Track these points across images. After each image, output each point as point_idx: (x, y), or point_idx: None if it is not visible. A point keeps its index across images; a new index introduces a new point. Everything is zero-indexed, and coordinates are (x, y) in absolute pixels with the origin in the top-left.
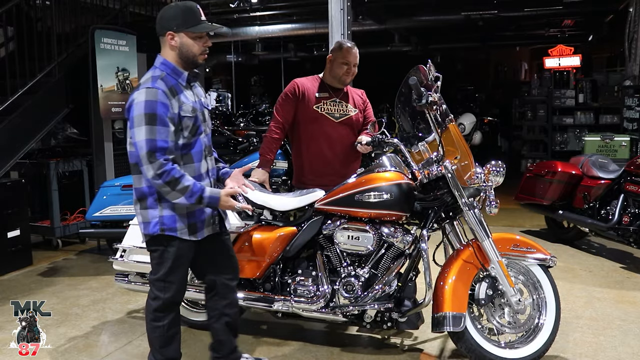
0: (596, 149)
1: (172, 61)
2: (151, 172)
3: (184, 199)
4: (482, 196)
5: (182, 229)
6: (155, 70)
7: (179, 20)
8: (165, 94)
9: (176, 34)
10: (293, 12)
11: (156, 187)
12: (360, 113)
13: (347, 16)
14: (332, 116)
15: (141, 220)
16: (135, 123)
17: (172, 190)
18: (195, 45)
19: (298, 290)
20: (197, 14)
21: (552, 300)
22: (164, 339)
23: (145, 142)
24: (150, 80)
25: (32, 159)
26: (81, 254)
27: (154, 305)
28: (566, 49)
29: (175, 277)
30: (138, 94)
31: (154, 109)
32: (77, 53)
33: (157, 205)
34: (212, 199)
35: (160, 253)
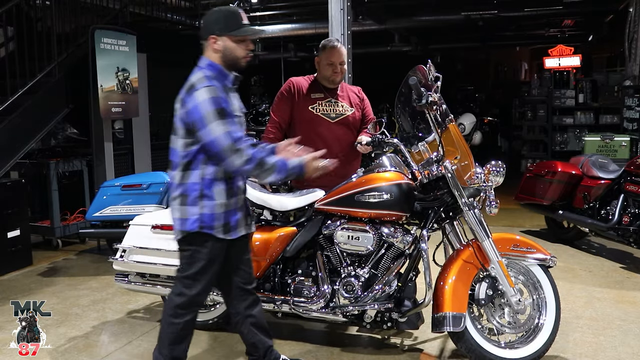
0: (596, 149)
1: (218, 63)
2: (238, 162)
3: (275, 176)
4: (482, 196)
5: (219, 227)
6: (205, 70)
7: (222, 24)
8: (222, 90)
9: (219, 37)
10: (293, 12)
11: (246, 174)
12: (358, 111)
13: (347, 16)
14: (328, 116)
15: (178, 216)
16: (207, 121)
17: (262, 172)
18: (238, 48)
19: (298, 290)
20: (239, 18)
21: (552, 300)
22: (176, 336)
23: (224, 135)
24: (205, 80)
25: (32, 159)
26: (81, 254)
27: (176, 301)
28: (566, 49)
29: (205, 277)
30: (199, 93)
31: (220, 103)
32: (77, 53)
33: (198, 202)
34: (300, 166)
35: (193, 252)
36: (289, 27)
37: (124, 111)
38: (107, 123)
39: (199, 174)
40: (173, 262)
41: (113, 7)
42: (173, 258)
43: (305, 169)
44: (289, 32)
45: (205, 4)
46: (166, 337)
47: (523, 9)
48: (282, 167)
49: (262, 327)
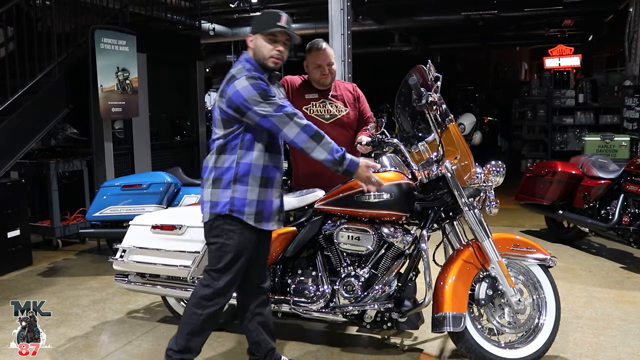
0: (596, 149)
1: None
2: (295, 129)
3: (328, 155)
4: (482, 196)
5: (250, 214)
6: (244, 64)
7: (258, 23)
8: (263, 79)
9: (253, 35)
10: (293, 12)
11: (301, 145)
12: (353, 110)
13: (347, 16)
14: (322, 117)
15: (209, 199)
16: (252, 102)
17: (318, 144)
18: (266, 47)
19: (298, 291)
20: (275, 19)
21: (552, 300)
22: (195, 327)
23: (274, 110)
24: (244, 70)
25: (32, 159)
26: (81, 254)
27: (202, 292)
28: (566, 49)
29: (232, 269)
30: (239, 81)
31: (261, 87)
32: (77, 53)
33: (230, 186)
34: (353, 163)
35: (221, 245)
36: None
37: (124, 111)
38: (107, 123)
39: (234, 159)
40: (173, 262)
41: (113, 7)
42: (173, 258)
43: (358, 170)
44: None
45: (205, 4)
46: (186, 326)
47: (523, 9)
48: (338, 150)
49: (268, 328)
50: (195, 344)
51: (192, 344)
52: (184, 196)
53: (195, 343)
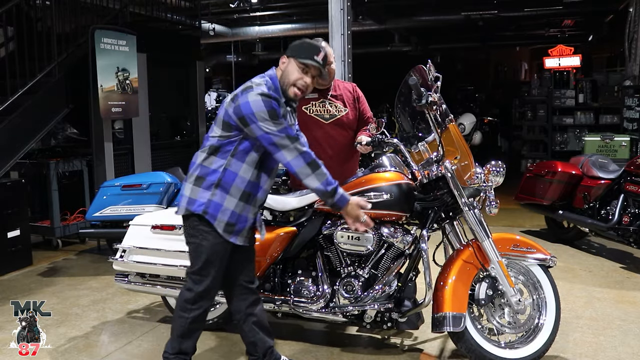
0: (596, 149)
1: (279, 80)
2: (294, 152)
3: (321, 186)
4: (482, 196)
5: (221, 222)
6: (267, 80)
7: (296, 49)
8: (277, 101)
9: (288, 59)
10: (293, 12)
11: (295, 169)
12: (352, 111)
13: (347, 16)
14: (322, 117)
15: (188, 195)
16: (258, 117)
17: (312, 173)
18: (295, 73)
19: (298, 291)
20: (315, 52)
21: (552, 300)
22: (184, 330)
23: (278, 131)
24: (263, 86)
25: (32, 159)
26: (81, 254)
27: (185, 295)
28: (566, 49)
29: (211, 272)
30: (253, 93)
31: (272, 106)
32: (77, 53)
33: (211, 189)
34: (344, 199)
35: (196, 246)
36: (289, 27)
37: (124, 111)
38: (107, 123)
39: (223, 164)
40: (173, 262)
41: (113, 7)
42: (173, 258)
43: (347, 206)
44: (289, 32)
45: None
46: (175, 329)
47: (523, 9)
48: (331, 183)
49: (263, 326)
50: (187, 346)
51: (183, 346)
52: None
53: (186, 345)
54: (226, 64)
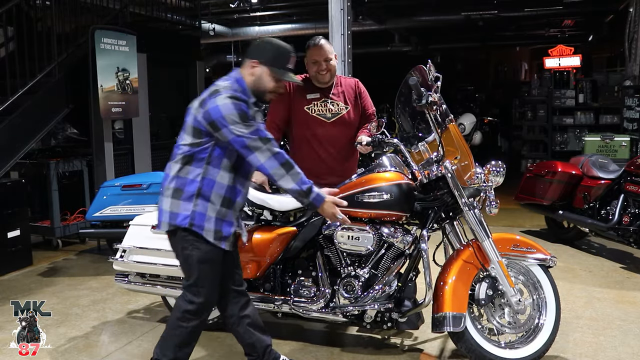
0: (596, 149)
1: (247, 83)
2: (267, 154)
3: (296, 186)
4: (482, 196)
5: (209, 230)
6: (232, 83)
7: (269, 55)
8: (246, 103)
9: (260, 65)
10: (293, 12)
11: (269, 171)
12: (355, 107)
13: (347, 16)
14: (324, 117)
15: (168, 209)
16: (229, 121)
17: (287, 173)
18: (270, 83)
19: (298, 291)
20: (287, 60)
21: (552, 300)
22: (183, 340)
23: (250, 133)
24: (230, 89)
25: (32, 159)
26: (81, 254)
27: (186, 307)
28: (566, 49)
29: (207, 282)
30: (221, 97)
31: (241, 109)
32: (77, 53)
33: (192, 200)
34: (319, 197)
35: (186, 258)
36: (289, 27)
37: (124, 111)
38: (107, 123)
39: (199, 173)
40: (173, 262)
41: (113, 7)
42: (173, 258)
43: (323, 205)
44: (289, 32)
45: (205, 4)
46: (172, 338)
47: (523, 9)
48: (305, 183)
49: (258, 326)
50: (182, 355)
51: (179, 354)
52: None
53: (183, 353)
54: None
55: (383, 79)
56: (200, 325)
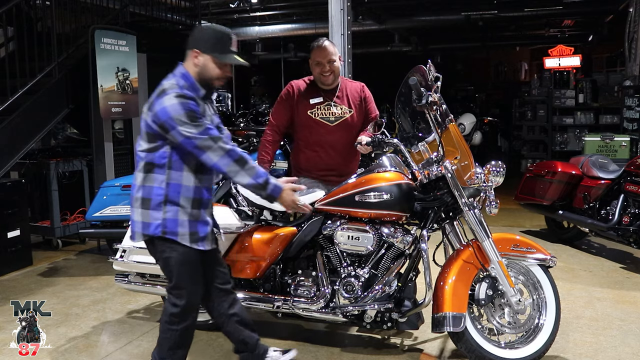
0: (596, 149)
1: (192, 75)
2: (219, 152)
3: (252, 180)
4: (482, 196)
5: (184, 234)
6: (178, 80)
7: (210, 43)
8: (194, 100)
9: (202, 54)
10: (293, 12)
11: (224, 169)
12: (358, 111)
13: (347, 16)
14: (328, 120)
15: (140, 219)
16: (178, 122)
17: (242, 168)
18: (216, 70)
19: (298, 291)
20: (228, 43)
21: (552, 300)
22: (174, 342)
23: (199, 133)
24: (177, 87)
25: (32, 159)
26: (81, 254)
27: (172, 310)
28: (566, 49)
29: (189, 283)
30: (168, 97)
31: (189, 107)
32: (77, 53)
33: (161, 208)
34: (277, 188)
35: (165, 261)
36: (289, 27)
37: (124, 111)
38: (107, 123)
39: (163, 179)
40: None
41: (113, 7)
42: None
43: (282, 194)
44: (289, 32)
45: (205, 4)
46: (165, 342)
47: (523, 9)
48: (261, 175)
49: (247, 323)
50: (179, 356)
51: (176, 356)
52: None
53: (178, 356)
54: None
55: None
56: (190, 326)
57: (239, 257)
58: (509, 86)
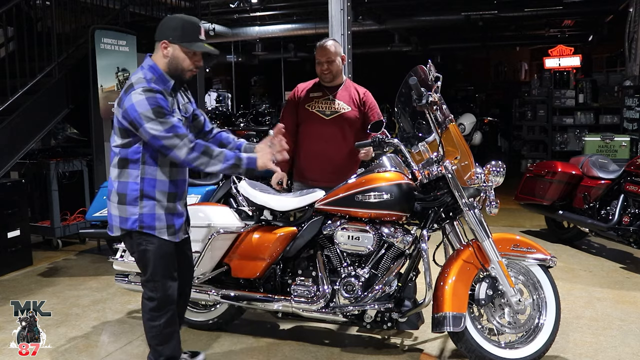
0: (596, 149)
1: (161, 67)
2: (184, 149)
3: (223, 165)
4: (482, 196)
5: (161, 228)
6: (146, 72)
7: (178, 32)
8: (162, 93)
9: (171, 44)
10: (293, 12)
11: (194, 164)
12: (356, 110)
13: (347, 16)
14: (323, 114)
15: (117, 214)
16: (145, 119)
17: (211, 158)
18: (186, 60)
19: (298, 291)
20: (196, 31)
21: (552, 300)
22: (161, 337)
23: (165, 131)
24: (144, 81)
25: (32, 159)
26: (81, 254)
27: (149, 305)
28: (566, 49)
29: (164, 275)
30: (135, 94)
31: (157, 102)
32: (77, 53)
33: (137, 203)
34: (251, 159)
35: (142, 253)
36: (289, 27)
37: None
38: (107, 123)
39: (138, 174)
40: None
41: (113, 7)
42: None
43: (258, 162)
44: (289, 32)
45: (205, 4)
46: (152, 340)
47: (523, 9)
48: (231, 156)
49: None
50: (170, 351)
51: (166, 352)
52: None
53: (169, 350)
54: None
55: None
56: (171, 318)
57: (239, 257)
58: (509, 86)
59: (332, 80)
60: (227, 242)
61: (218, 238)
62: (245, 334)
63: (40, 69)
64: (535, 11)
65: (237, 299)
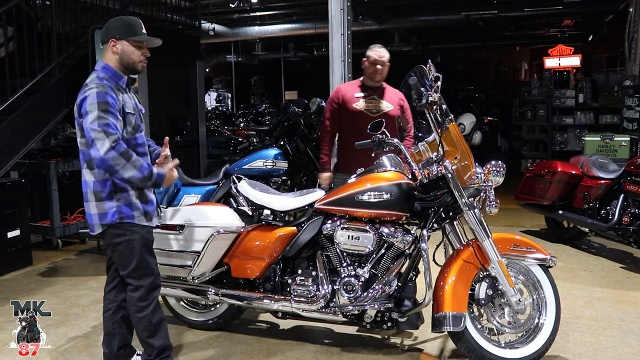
0: (596, 149)
1: (113, 66)
2: (107, 145)
3: (137, 173)
4: (482, 196)
5: (140, 216)
6: (98, 73)
7: (123, 29)
8: (112, 90)
9: (119, 41)
10: (293, 12)
11: (110, 162)
12: (398, 109)
13: (347, 16)
14: (370, 112)
15: (96, 212)
16: (88, 110)
17: (127, 162)
18: (135, 52)
19: (298, 290)
20: (138, 27)
21: (552, 300)
22: (151, 328)
23: (98, 124)
24: (96, 79)
25: (32, 159)
26: (81, 253)
27: (136, 295)
28: (566, 49)
29: (148, 261)
30: (89, 89)
31: (105, 98)
32: (77, 53)
33: (113, 197)
34: (160, 174)
35: (126, 243)
36: (289, 27)
37: None
38: None
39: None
40: (173, 261)
41: (113, 7)
42: (173, 258)
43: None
44: (289, 32)
45: (205, 4)
46: (143, 333)
47: (523, 9)
48: (147, 167)
49: (129, 322)
50: (161, 341)
51: (158, 343)
52: (184, 196)
53: (161, 340)
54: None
55: None
56: (157, 306)
57: (239, 257)
58: (509, 86)
59: (380, 80)
60: (227, 242)
61: (218, 238)
62: (245, 334)
63: (40, 69)
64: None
65: (237, 298)
